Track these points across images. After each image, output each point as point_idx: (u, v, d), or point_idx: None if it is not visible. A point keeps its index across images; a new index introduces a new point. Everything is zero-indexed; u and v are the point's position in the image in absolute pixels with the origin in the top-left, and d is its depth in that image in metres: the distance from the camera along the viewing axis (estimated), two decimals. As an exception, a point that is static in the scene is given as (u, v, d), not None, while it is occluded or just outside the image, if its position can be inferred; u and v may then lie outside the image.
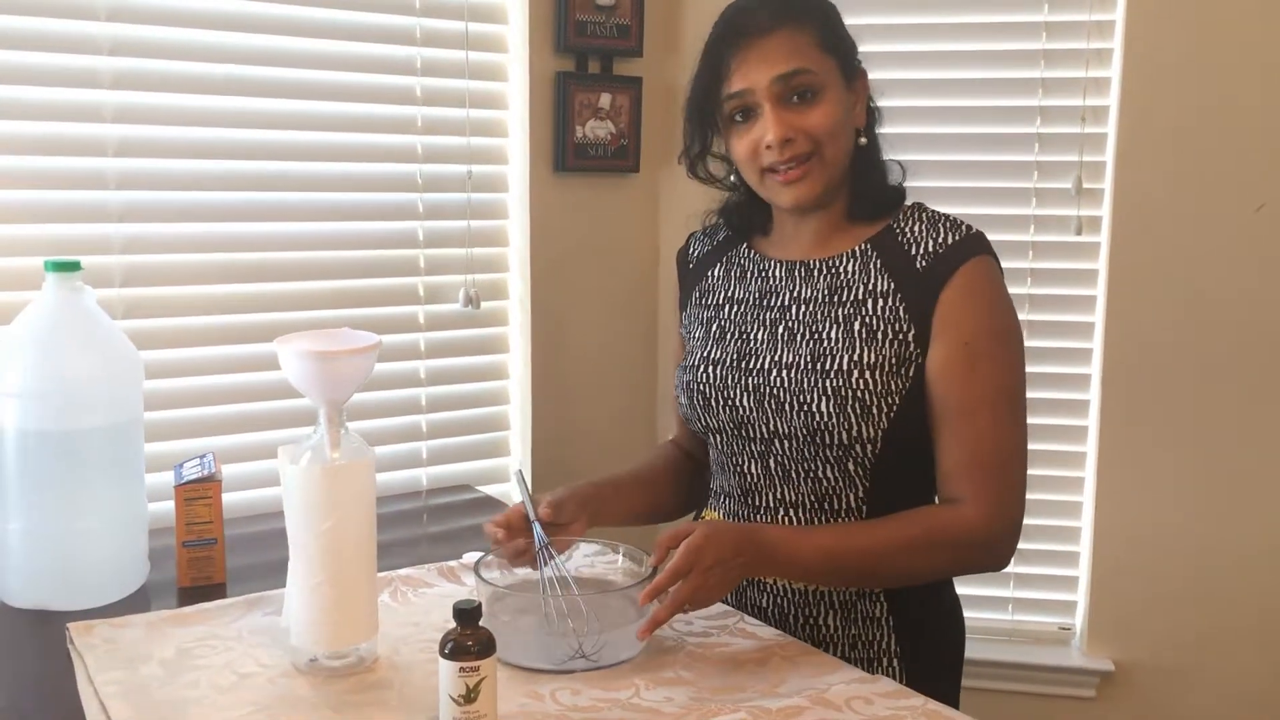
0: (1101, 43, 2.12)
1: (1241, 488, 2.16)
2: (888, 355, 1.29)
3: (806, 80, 1.30)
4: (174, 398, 1.82)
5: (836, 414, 1.29)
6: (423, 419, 2.09)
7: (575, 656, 1.18)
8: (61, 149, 1.71)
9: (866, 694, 1.14)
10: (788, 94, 1.30)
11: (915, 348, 1.30)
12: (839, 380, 1.29)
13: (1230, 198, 2.10)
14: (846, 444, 1.30)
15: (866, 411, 1.29)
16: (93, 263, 1.69)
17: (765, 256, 1.45)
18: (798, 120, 1.30)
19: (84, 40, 1.70)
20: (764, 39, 1.30)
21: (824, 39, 1.32)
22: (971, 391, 1.28)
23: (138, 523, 1.49)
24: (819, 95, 1.31)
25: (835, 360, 1.31)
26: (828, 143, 1.31)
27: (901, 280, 1.31)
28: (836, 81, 1.33)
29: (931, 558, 1.30)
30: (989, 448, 1.28)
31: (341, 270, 1.97)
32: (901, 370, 1.29)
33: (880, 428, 1.29)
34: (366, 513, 1.20)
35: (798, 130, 1.30)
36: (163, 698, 1.12)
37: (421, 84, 2.01)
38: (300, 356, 1.14)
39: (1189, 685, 2.21)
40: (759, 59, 1.30)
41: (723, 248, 1.52)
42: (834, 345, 1.32)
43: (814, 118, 1.30)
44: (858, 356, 1.30)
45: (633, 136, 2.19)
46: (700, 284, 1.52)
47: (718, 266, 1.50)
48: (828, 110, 1.31)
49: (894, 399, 1.29)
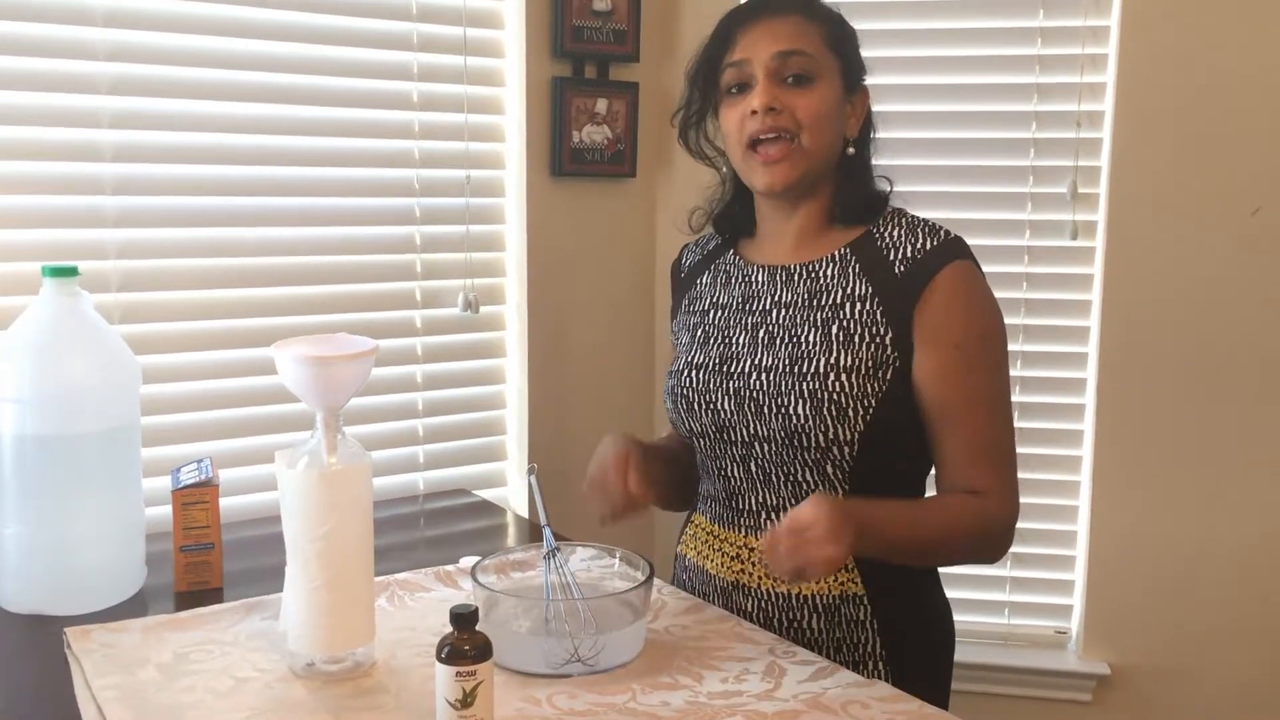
0: (1096, 48, 2.13)
1: (1236, 491, 2.16)
2: (864, 359, 1.31)
3: (804, 64, 1.34)
4: (171, 402, 1.82)
5: (813, 416, 1.31)
6: (420, 423, 2.09)
7: (572, 660, 1.18)
8: (58, 154, 1.71)
9: (863, 698, 1.14)
10: (784, 73, 1.34)
11: (893, 351, 1.32)
12: (815, 383, 1.31)
13: (1225, 202, 2.11)
14: (824, 446, 1.32)
15: (843, 414, 1.30)
16: (90, 268, 1.69)
17: (749, 262, 1.47)
18: (787, 99, 1.33)
19: (81, 45, 1.70)
20: (774, 18, 1.36)
21: (831, 38, 1.37)
22: (969, 391, 1.32)
23: (135, 527, 1.49)
24: (813, 82, 1.34)
25: (812, 364, 1.32)
26: (810, 130, 1.34)
27: (880, 285, 1.33)
28: (834, 79, 1.36)
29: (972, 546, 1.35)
30: (994, 444, 1.33)
31: (339, 275, 1.97)
32: (878, 374, 1.31)
33: (857, 430, 1.31)
34: (363, 517, 1.20)
35: (785, 106, 1.33)
36: (160, 702, 1.12)
37: (419, 89, 2.02)
38: (297, 362, 1.14)
39: (1185, 688, 2.22)
40: (764, 33, 1.35)
41: (712, 256, 1.54)
42: (812, 349, 1.34)
43: (803, 101, 1.34)
44: (834, 360, 1.31)
45: (629, 141, 2.20)
46: (690, 291, 1.54)
47: (706, 274, 1.53)
48: (819, 98, 1.34)
49: (870, 402, 1.30)
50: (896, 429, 1.33)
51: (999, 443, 1.34)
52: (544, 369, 2.18)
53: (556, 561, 1.30)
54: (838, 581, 1.36)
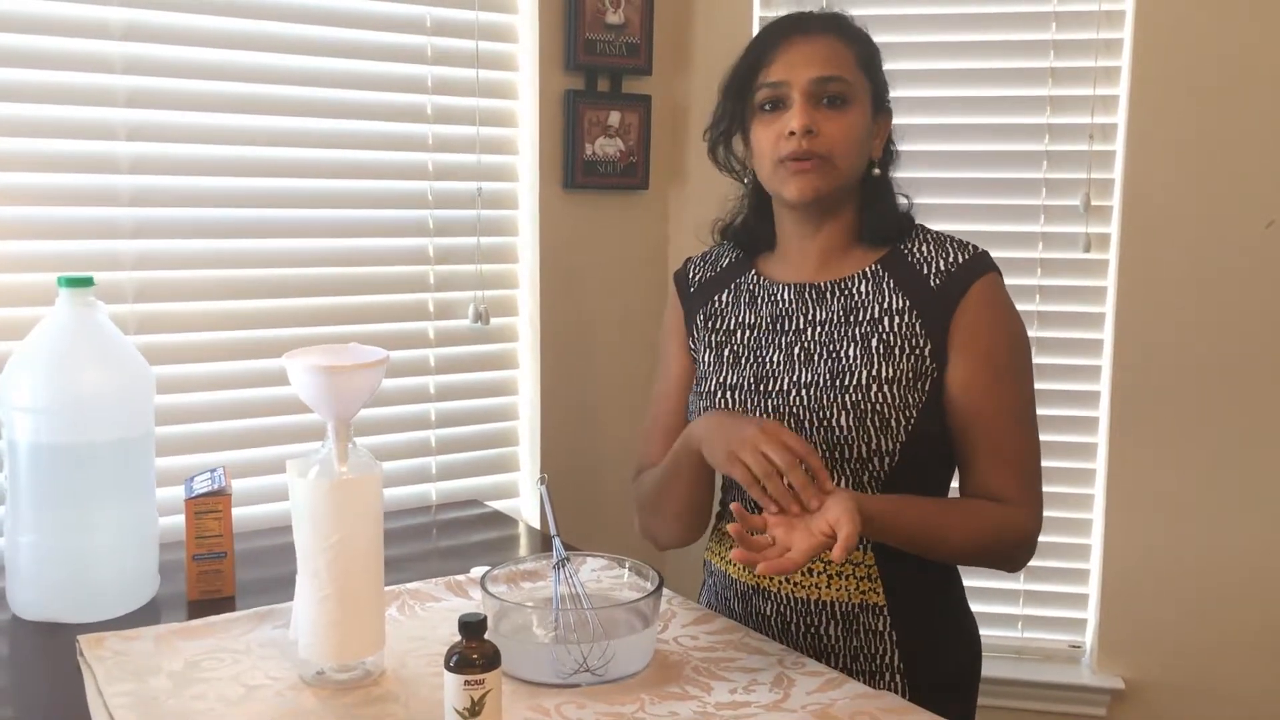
0: (1109, 60, 2.13)
1: (1251, 504, 2.15)
2: (905, 370, 1.33)
3: (841, 89, 1.36)
4: (186, 412, 1.83)
5: (856, 428, 1.32)
6: (432, 434, 2.10)
7: (581, 670, 1.18)
8: (76, 166, 1.72)
9: (871, 710, 1.14)
10: (820, 96, 1.36)
11: (931, 362, 1.34)
12: (858, 395, 1.33)
13: (1239, 215, 2.10)
14: (865, 457, 1.33)
15: (885, 425, 1.32)
16: (106, 278, 1.71)
17: (773, 281, 1.48)
18: (822, 121, 1.35)
19: (98, 59, 1.72)
20: (811, 39, 1.38)
21: (864, 60, 1.40)
22: (1001, 401, 1.35)
23: (148, 536, 1.50)
24: (848, 106, 1.37)
25: (854, 376, 1.34)
26: (842, 152, 1.36)
27: (917, 298, 1.36)
28: (865, 102, 1.39)
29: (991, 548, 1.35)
30: (1022, 454, 1.36)
31: (352, 286, 1.98)
32: (918, 384, 1.34)
33: (899, 441, 1.33)
34: (374, 527, 1.21)
35: (820, 129, 1.35)
36: (171, 709, 1.13)
37: (432, 102, 2.03)
38: (309, 371, 1.15)
39: (1200, 702, 2.20)
40: (802, 57, 1.36)
41: (729, 274, 1.54)
42: (853, 362, 1.35)
43: (838, 124, 1.36)
44: (876, 371, 1.33)
45: (641, 154, 2.21)
46: (705, 308, 1.53)
47: (725, 292, 1.52)
48: (852, 122, 1.37)
49: (911, 413, 1.33)
50: (933, 440, 1.36)
51: (1027, 454, 1.36)
52: (556, 381, 2.18)
53: (566, 571, 1.30)
54: (859, 590, 1.36)
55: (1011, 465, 1.34)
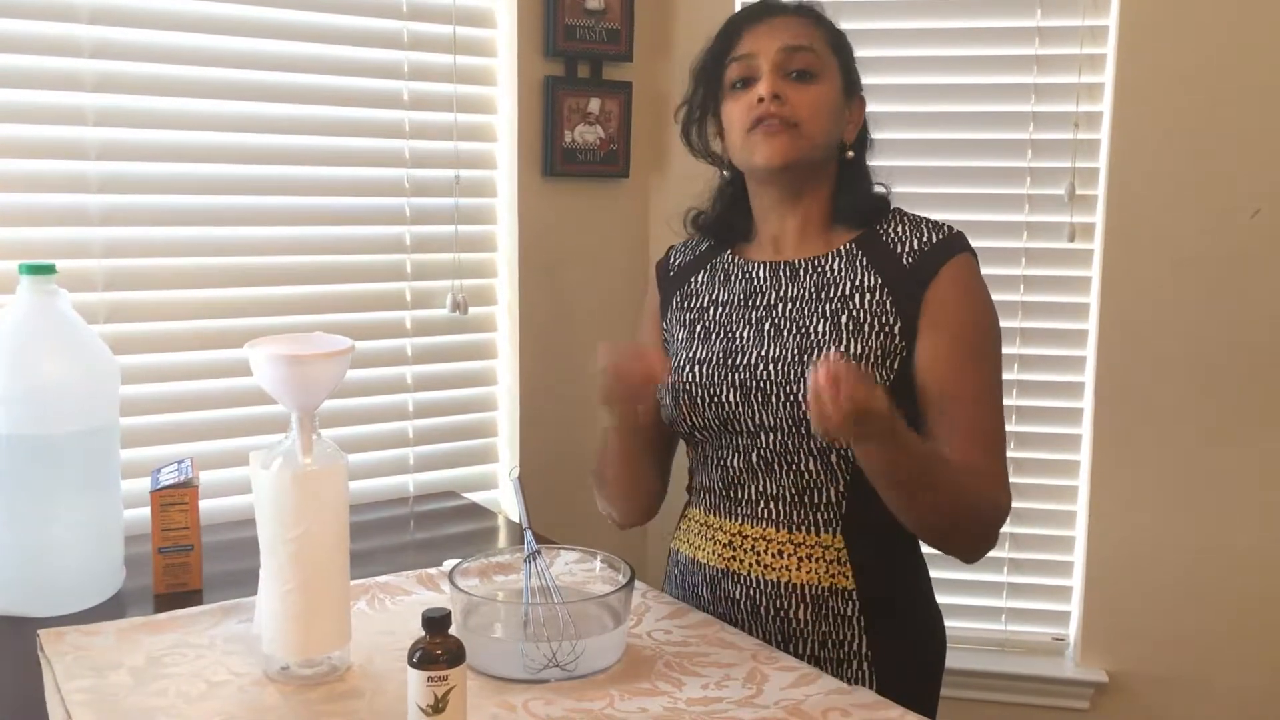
0: (1095, 49, 2.11)
1: (1235, 497, 2.13)
2: (874, 347, 1.33)
3: (808, 60, 1.37)
4: (154, 403, 1.80)
5: None
6: (409, 425, 2.07)
7: (550, 666, 1.16)
8: (43, 152, 1.69)
9: (844, 705, 1.12)
10: (789, 67, 1.37)
11: (900, 340, 1.34)
12: None
13: (1225, 204, 2.08)
14: None
15: None
16: (75, 266, 1.68)
17: (748, 260, 1.48)
18: (791, 91, 1.36)
19: (66, 43, 1.69)
20: (779, 17, 1.40)
21: (833, 41, 1.41)
22: (967, 377, 1.34)
23: (114, 529, 1.48)
24: (816, 79, 1.37)
25: (822, 352, 1.33)
26: (810, 118, 1.36)
27: (889, 276, 1.36)
28: (834, 80, 1.40)
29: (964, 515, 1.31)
30: (989, 431, 1.35)
31: (328, 275, 1.96)
32: (886, 363, 1.33)
33: None
34: (339, 519, 1.18)
35: (788, 98, 1.35)
36: (130, 705, 1.10)
37: (409, 88, 2.00)
38: (270, 361, 1.13)
39: (1183, 695, 2.19)
40: (770, 31, 1.39)
41: (705, 256, 1.54)
42: (821, 338, 1.35)
43: (806, 95, 1.36)
44: (844, 348, 1.33)
45: (622, 141, 2.18)
46: (682, 289, 1.53)
47: (701, 273, 1.53)
48: (821, 93, 1.37)
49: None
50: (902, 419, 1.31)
51: (994, 431, 1.35)
52: (535, 371, 2.16)
53: (538, 565, 1.28)
54: (828, 573, 1.35)
55: (979, 443, 1.32)
